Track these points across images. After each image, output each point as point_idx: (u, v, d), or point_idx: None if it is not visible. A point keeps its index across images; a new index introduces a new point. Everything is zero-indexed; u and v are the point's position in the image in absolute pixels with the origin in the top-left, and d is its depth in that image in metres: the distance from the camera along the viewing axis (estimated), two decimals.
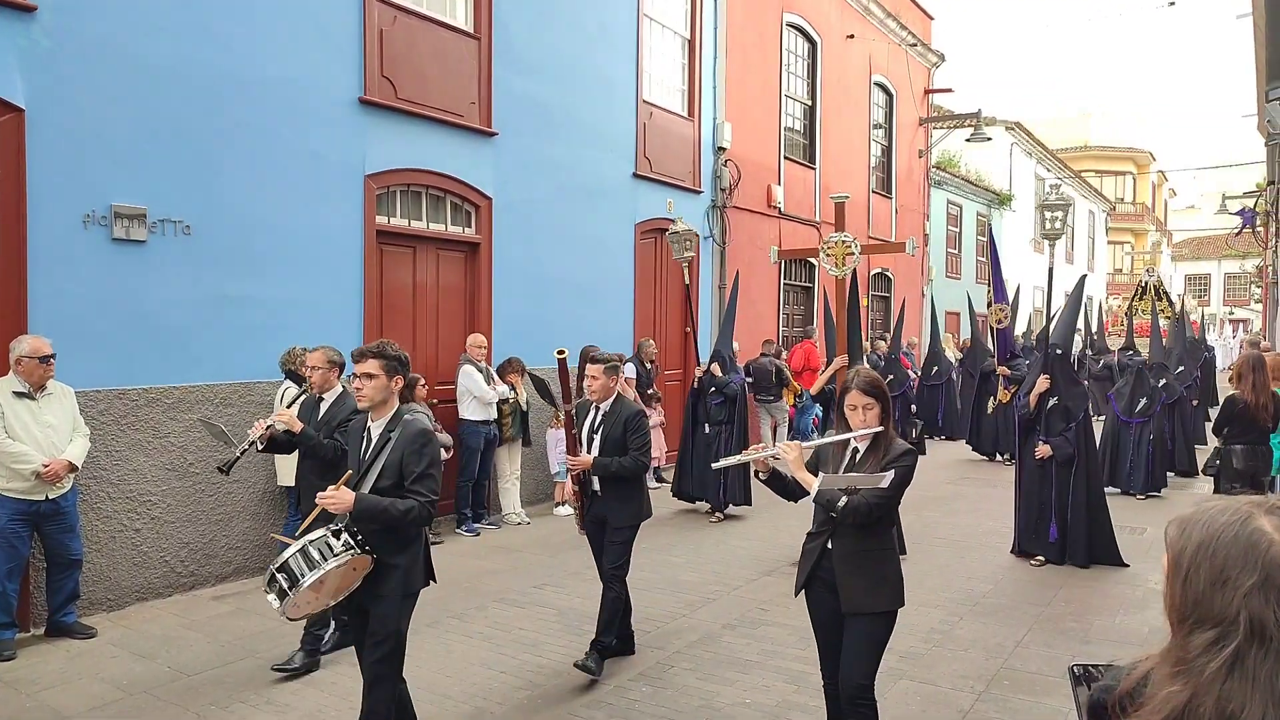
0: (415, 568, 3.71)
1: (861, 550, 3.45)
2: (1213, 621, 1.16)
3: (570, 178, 9.70)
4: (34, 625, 5.53)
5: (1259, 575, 1.14)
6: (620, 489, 4.97)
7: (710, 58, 12.14)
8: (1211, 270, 47.89)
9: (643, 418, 5.06)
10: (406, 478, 3.59)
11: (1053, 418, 7.24)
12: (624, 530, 4.97)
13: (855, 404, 3.46)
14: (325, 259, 7.23)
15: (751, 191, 12.95)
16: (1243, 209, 20.17)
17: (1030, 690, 4.75)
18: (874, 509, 3.35)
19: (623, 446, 4.96)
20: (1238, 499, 1.24)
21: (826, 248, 7.61)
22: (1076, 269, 32.20)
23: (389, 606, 3.62)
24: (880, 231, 17.30)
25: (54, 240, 5.58)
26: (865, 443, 3.48)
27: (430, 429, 3.76)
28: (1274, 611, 1.12)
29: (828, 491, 3.38)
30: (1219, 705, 1.11)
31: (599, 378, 5.03)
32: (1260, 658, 1.12)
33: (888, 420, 3.46)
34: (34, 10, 5.44)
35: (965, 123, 19.07)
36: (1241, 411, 6.82)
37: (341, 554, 3.47)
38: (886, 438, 3.45)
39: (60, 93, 5.59)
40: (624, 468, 4.89)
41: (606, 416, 5.06)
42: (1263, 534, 1.16)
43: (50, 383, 5.32)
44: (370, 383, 3.68)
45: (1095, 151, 37.94)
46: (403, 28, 7.81)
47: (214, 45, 6.39)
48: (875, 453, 3.45)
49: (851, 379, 3.50)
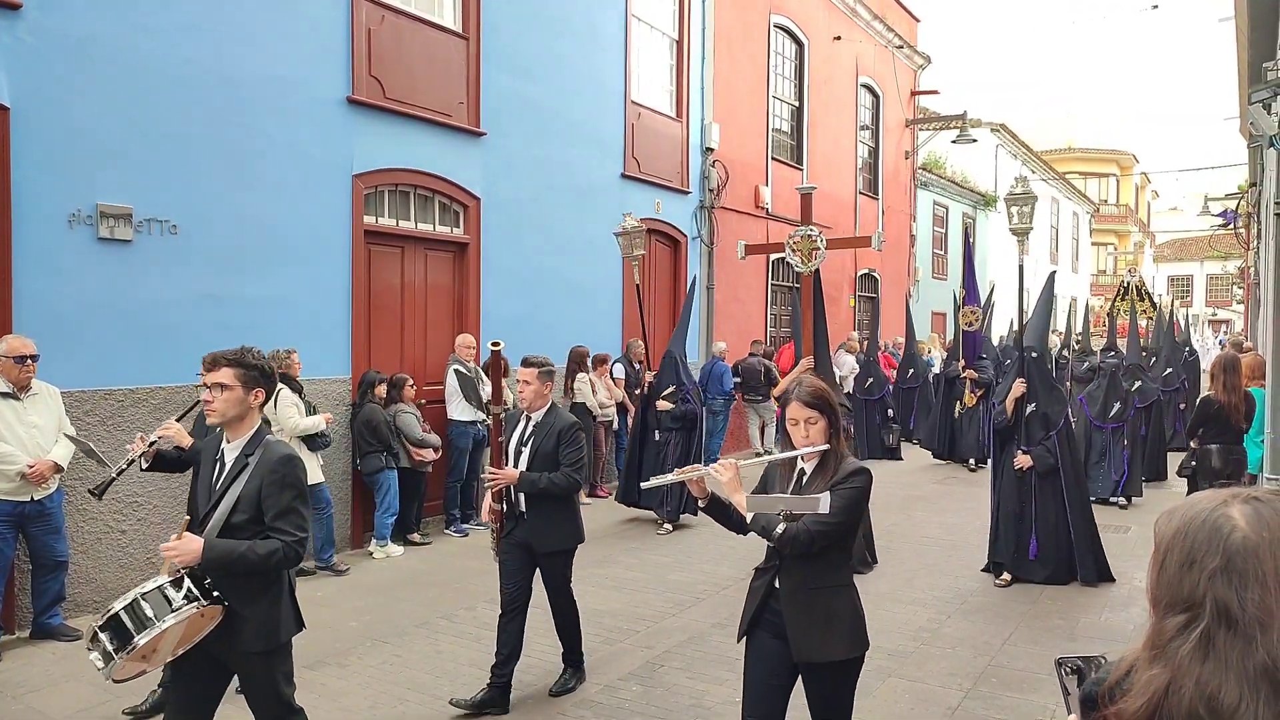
0: (278, 616, 3.10)
1: (811, 588, 2.98)
2: (1183, 605, 1.20)
3: (559, 178, 9.70)
4: (19, 628, 5.49)
5: (1221, 559, 1.18)
6: (549, 510, 4.48)
7: (698, 59, 12.16)
8: (1194, 271, 48.31)
9: (579, 430, 4.57)
10: (266, 513, 3.01)
11: (1031, 426, 6.75)
12: (556, 558, 4.57)
13: (796, 418, 3.02)
14: (313, 259, 7.20)
15: (739, 192, 12.98)
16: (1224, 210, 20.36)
17: (1018, 687, 4.79)
18: (816, 538, 2.89)
19: (554, 461, 4.45)
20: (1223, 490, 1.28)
21: (792, 243, 7.27)
22: (1061, 270, 32.43)
23: (258, 670, 3.08)
24: (867, 232, 17.34)
25: (39, 240, 5.54)
26: (813, 461, 3.05)
27: (295, 454, 3.18)
28: (1237, 594, 1.16)
29: (763, 517, 2.96)
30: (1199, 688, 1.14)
31: (532, 383, 4.49)
32: (1229, 640, 1.15)
33: (836, 435, 3.03)
34: (19, 8, 5.40)
35: (951, 124, 19.18)
36: (1216, 413, 6.90)
37: (182, 608, 2.88)
38: (836, 455, 3.02)
39: (45, 91, 5.55)
40: (554, 485, 4.39)
41: (539, 427, 4.52)
42: (1228, 519, 1.20)
43: (35, 383, 5.28)
44: (223, 395, 3.09)
45: (1079, 153, 38.23)
46: (391, 27, 7.79)
47: (201, 44, 6.36)
48: (824, 472, 3.01)
49: (792, 389, 3.06)
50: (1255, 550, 1.17)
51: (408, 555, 7.47)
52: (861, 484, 2.99)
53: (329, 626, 5.68)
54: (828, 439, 3.01)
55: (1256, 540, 1.18)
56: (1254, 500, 1.22)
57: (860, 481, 2.99)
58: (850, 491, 2.94)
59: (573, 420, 4.60)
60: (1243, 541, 1.18)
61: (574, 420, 4.61)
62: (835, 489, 2.91)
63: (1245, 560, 1.17)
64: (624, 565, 7.17)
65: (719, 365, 11.66)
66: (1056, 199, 31.70)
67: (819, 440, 3.00)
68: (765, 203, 13.61)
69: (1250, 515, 1.20)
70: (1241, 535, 1.19)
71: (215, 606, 2.97)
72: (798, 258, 7.25)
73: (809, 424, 3.00)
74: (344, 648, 5.32)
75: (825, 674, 2.99)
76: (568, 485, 4.45)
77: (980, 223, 24.03)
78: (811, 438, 3.00)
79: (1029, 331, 7.19)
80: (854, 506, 2.95)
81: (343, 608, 6.09)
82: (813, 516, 2.85)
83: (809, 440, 3.00)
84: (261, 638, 3.05)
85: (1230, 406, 6.85)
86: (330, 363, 7.40)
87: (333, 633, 5.57)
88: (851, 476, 2.98)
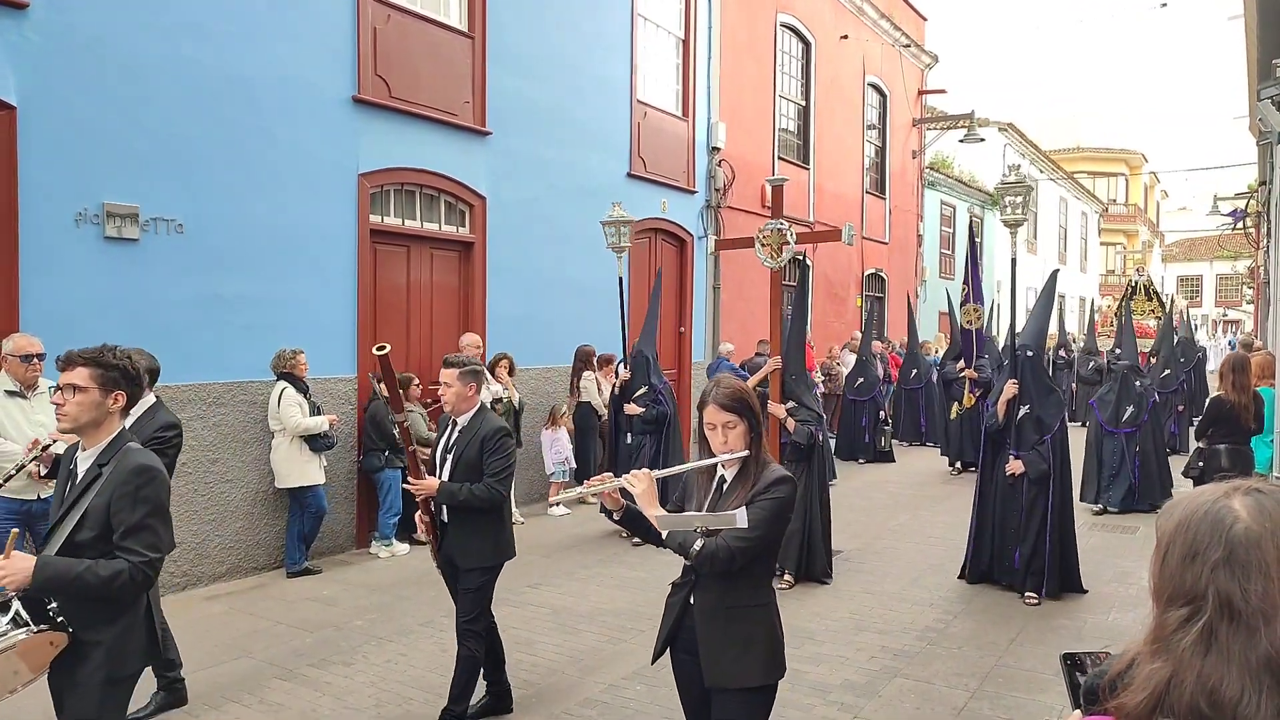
0: (127, 644, 2.74)
1: (728, 608, 2.74)
2: (1185, 598, 1.19)
3: (564, 177, 9.70)
4: None
5: (1223, 550, 1.17)
6: (470, 523, 4.14)
7: (705, 58, 12.14)
8: (1204, 271, 48.12)
9: (505, 437, 4.23)
10: (115, 530, 2.65)
11: (1024, 429, 6.37)
12: (475, 574, 4.18)
13: (713, 422, 2.78)
14: (319, 258, 7.21)
15: (745, 192, 12.96)
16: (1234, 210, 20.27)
17: (1025, 687, 4.76)
18: (736, 555, 2.65)
19: (478, 470, 4.13)
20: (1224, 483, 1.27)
21: (761, 237, 6.93)
22: (1070, 270, 32.32)
23: (86, 699, 2.68)
24: (874, 232, 17.33)
25: (46, 239, 5.56)
26: (734, 469, 2.81)
27: (155, 465, 2.80)
28: (1239, 586, 1.14)
29: (678, 534, 2.71)
30: (1200, 681, 1.13)
31: (453, 384, 4.18)
32: (1232, 632, 1.14)
33: (758, 441, 2.80)
34: (26, 7, 5.42)
35: (958, 124, 19.12)
36: (1227, 413, 6.86)
37: (9, 634, 2.56)
38: (757, 463, 2.78)
39: (52, 90, 5.57)
40: (474, 497, 4.05)
41: (463, 433, 4.23)
42: (1230, 510, 1.20)
43: (43, 381, 5.29)
44: (75, 397, 2.73)
45: (1088, 153, 38.08)
46: (397, 26, 7.80)
47: (207, 43, 6.37)
48: (744, 481, 2.77)
49: (709, 391, 2.82)
50: (1258, 541, 1.16)
51: (412, 554, 7.47)
52: (784, 494, 2.72)
53: (334, 626, 5.68)
54: (748, 444, 2.77)
55: (1259, 531, 1.17)
56: (1255, 492, 1.21)
57: (782, 491, 2.72)
58: (771, 503, 2.70)
59: (499, 426, 4.25)
60: (1245, 532, 1.17)
61: (501, 426, 4.26)
62: (755, 500, 2.69)
63: (1248, 551, 1.16)
64: (628, 564, 7.16)
65: (725, 365, 11.63)
66: (1065, 198, 31.60)
67: (738, 446, 2.76)
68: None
69: (1252, 506, 1.19)
70: (1244, 526, 1.17)
71: (56, 633, 2.64)
72: (766, 253, 6.91)
73: (727, 428, 2.76)
74: (349, 646, 5.32)
75: (737, 700, 2.75)
76: (489, 498, 4.07)
77: (988, 222, 23.96)
78: (730, 443, 2.77)
79: (1026, 330, 6.89)
80: (776, 518, 2.71)
81: (347, 607, 6.10)
82: (732, 532, 2.61)
83: (728, 446, 2.77)
84: (103, 666, 2.69)
85: (1240, 406, 6.81)
86: (336, 362, 7.41)
87: (337, 632, 5.57)
88: (773, 486, 2.72)
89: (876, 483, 10.98)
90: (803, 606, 6.11)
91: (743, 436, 2.77)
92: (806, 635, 5.54)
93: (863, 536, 8.20)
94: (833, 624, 5.77)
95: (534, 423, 9.18)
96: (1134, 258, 35.97)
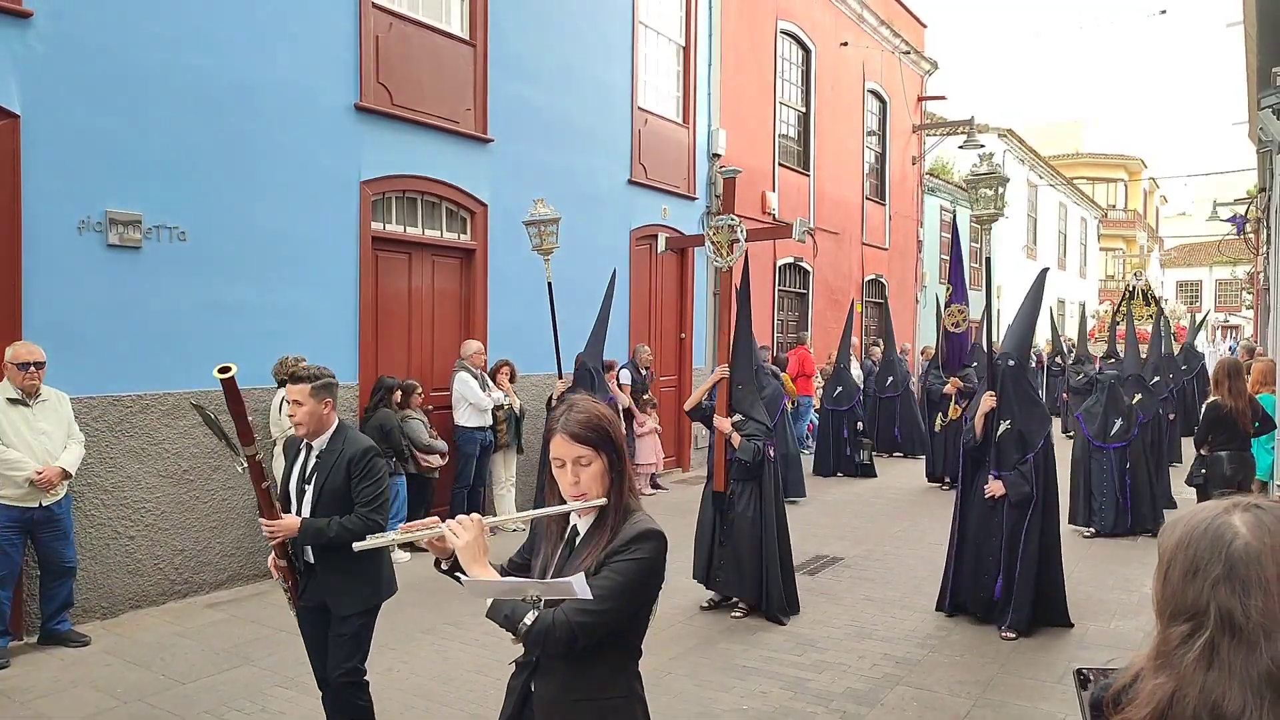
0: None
1: (574, 700, 2.16)
2: (1187, 614, 1.20)
3: (565, 184, 9.71)
4: (27, 634, 5.50)
5: (1223, 567, 1.18)
6: (344, 562, 3.46)
7: (705, 65, 12.17)
8: (1203, 276, 48.12)
9: (375, 458, 3.64)
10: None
11: (1005, 446, 5.74)
12: (353, 620, 3.61)
13: (560, 457, 2.17)
14: (320, 265, 7.22)
15: (746, 198, 12.96)
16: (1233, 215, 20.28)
17: (1027, 695, 4.76)
18: (578, 634, 2.04)
19: (345, 500, 3.56)
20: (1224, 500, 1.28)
21: (711, 234, 6.43)
22: (1069, 275, 32.35)
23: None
24: (874, 238, 17.36)
25: (49, 246, 5.57)
26: (590, 517, 2.22)
27: None
28: (1240, 602, 1.15)
29: (504, 603, 2.10)
30: (1203, 697, 1.14)
31: (304, 402, 3.56)
32: (1233, 647, 1.15)
33: (620, 482, 2.19)
34: (29, 16, 5.43)
35: (958, 130, 19.15)
36: (1224, 417, 6.86)
37: None
38: (617, 512, 2.18)
39: (55, 99, 5.58)
40: (346, 532, 3.44)
41: (323, 458, 3.62)
42: (1230, 527, 1.20)
43: (46, 389, 5.30)
44: None
45: (1087, 159, 38.14)
46: (398, 34, 7.82)
47: (210, 52, 6.39)
48: (599, 535, 2.17)
49: (557, 416, 2.22)
50: (1258, 557, 1.17)
51: (414, 561, 7.46)
52: (647, 554, 2.11)
53: None
54: (607, 487, 2.17)
55: (1259, 547, 1.18)
56: (1255, 508, 1.22)
57: (646, 550, 2.11)
58: (629, 566, 2.08)
59: (366, 445, 3.63)
60: (1245, 548, 1.18)
61: (368, 445, 3.65)
62: (609, 560, 2.09)
63: (1248, 567, 1.17)
64: None
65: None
66: (1064, 204, 31.64)
67: (594, 489, 2.16)
68: (772, 209, 13.60)
69: (1252, 523, 1.20)
70: (1244, 542, 1.18)
71: None
72: (716, 251, 6.38)
73: (579, 465, 2.16)
74: None
75: None
76: (363, 532, 3.26)
77: None
78: (583, 485, 2.16)
79: (1008, 337, 6.31)
80: (635, 586, 2.09)
81: None
82: (574, 603, 2.02)
83: (579, 489, 2.16)
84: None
85: (1237, 411, 6.82)
86: (338, 369, 7.28)
87: None
88: (634, 543, 2.11)
89: (880, 490, 10.98)
90: (804, 614, 6.11)
91: (599, 477, 2.16)
92: (808, 643, 5.54)
93: (865, 543, 8.19)
94: (835, 631, 5.77)
95: (534, 430, 9.18)
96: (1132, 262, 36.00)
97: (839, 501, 10.18)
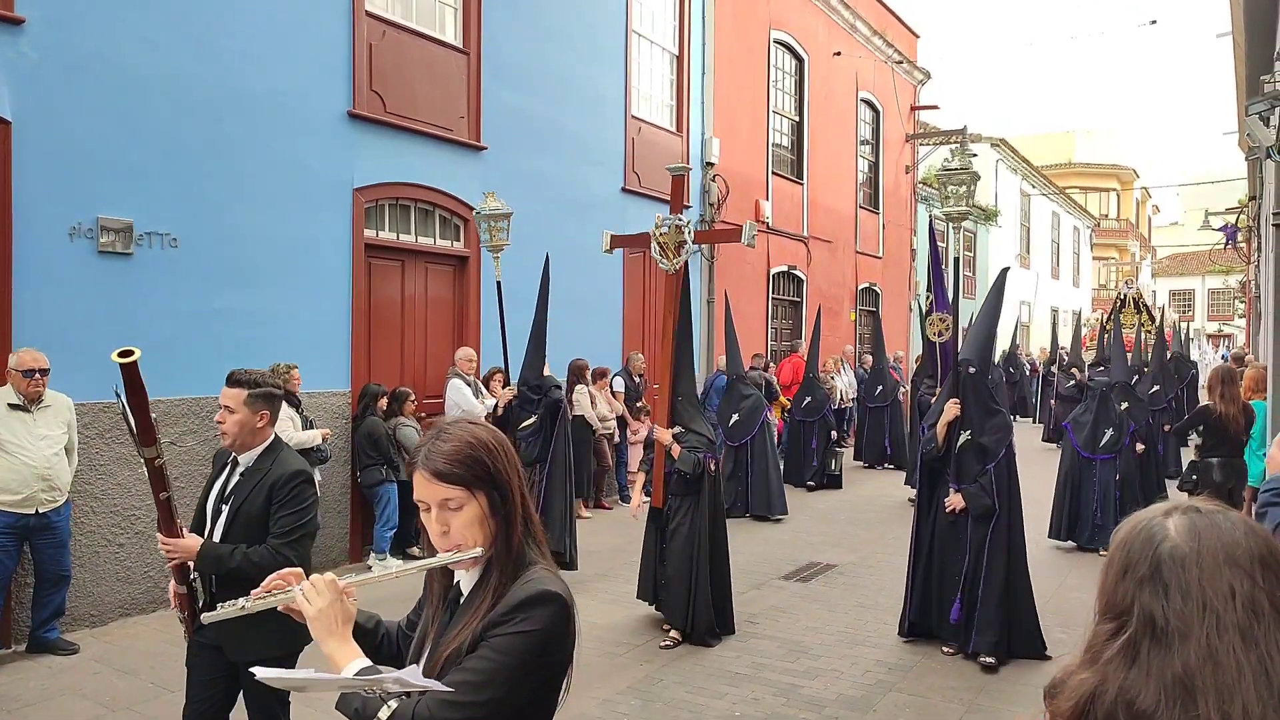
0: None
1: None
2: (1115, 612, 1.22)
3: (559, 192, 9.73)
4: (15, 641, 5.46)
5: (1149, 567, 1.19)
6: None
7: (698, 74, 12.22)
8: (1195, 286, 48.33)
9: (303, 484, 3.17)
10: None
11: (965, 458, 5.44)
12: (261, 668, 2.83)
13: (424, 500, 1.73)
14: (313, 272, 7.21)
15: (740, 206, 13.01)
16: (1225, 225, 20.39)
17: (1021, 701, 4.76)
18: None
19: (262, 528, 3.10)
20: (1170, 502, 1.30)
21: (658, 234, 5.99)
22: (1062, 284, 32.48)
23: None
24: (868, 246, 17.41)
25: (40, 252, 5.55)
26: (475, 573, 1.75)
27: None
28: (1161, 605, 1.17)
29: (353, 697, 1.65)
30: (1121, 694, 1.16)
31: (236, 410, 3.14)
32: (1152, 648, 1.16)
33: (508, 529, 1.72)
34: (22, 23, 5.43)
35: (951, 139, 19.21)
36: (1215, 422, 6.88)
37: None
38: (502, 568, 1.71)
39: (47, 105, 5.58)
40: (250, 566, 2.96)
41: (245, 478, 3.18)
42: (1162, 529, 1.22)
43: (49, 394, 5.32)
44: None
45: (1079, 168, 38.32)
46: (392, 42, 7.84)
47: (203, 58, 6.39)
48: (482, 594, 1.70)
49: (419, 448, 1.75)
50: (1183, 560, 1.18)
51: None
52: (537, 624, 1.63)
53: None
54: (491, 535, 1.70)
55: (1185, 550, 1.18)
56: (1193, 511, 1.23)
57: (535, 620, 1.63)
58: (512, 641, 1.61)
59: (295, 469, 3.18)
60: (1171, 551, 1.19)
61: (298, 469, 3.18)
62: (490, 634, 1.63)
63: (1171, 570, 1.18)
64: (623, 579, 7.13)
65: (720, 380, 11.64)
66: (1057, 213, 31.78)
67: (469, 538, 1.70)
68: (766, 217, 13.64)
69: (1185, 526, 1.21)
70: (1171, 545, 1.20)
71: None
72: (662, 253, 5.93)
73: (447, 510, 1.70)
74: None
75: None
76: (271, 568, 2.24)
77: (981, 237, 24.07)
78: (455, 536, 1.70)
79: (968, 342, 5.96)
80: (520, 668, 1.61)
81: None
82: (436, 696, 1.57)
83: (449, 538, 1.71)
84: None
85: (1229, 417, 6.84)
86: (330, 377, 7.40)
87: None
88: (520, 611, 1.63)
89: (872, 496, 10.97)
90: (796, 621, 6.10)
91: (475, 524, 1.69)
92: (801, 649, 5.53)
93: (858, 551, 8.19)
94: (827, 638, 5.76)
95: None
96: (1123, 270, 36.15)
97: (832, 509, 10.19)
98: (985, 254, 23.90)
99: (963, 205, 5.47)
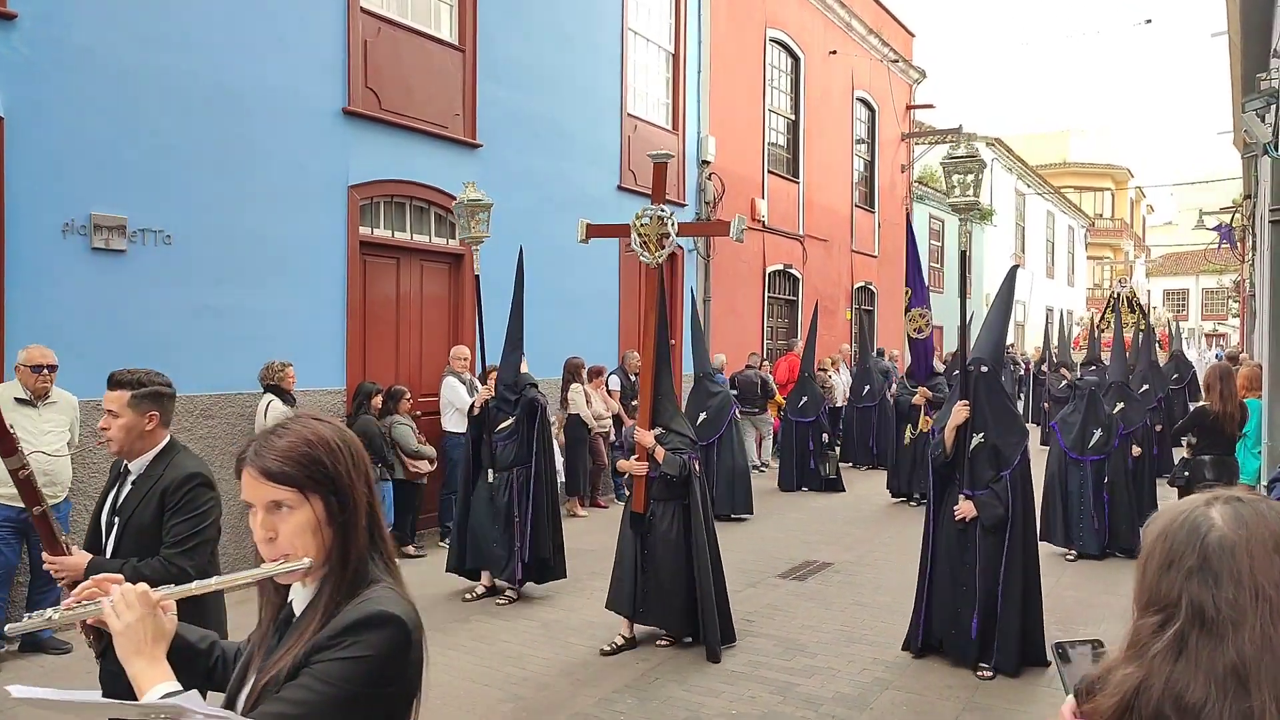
0: None
1: None
2: (1160, 605, 1.21)
3: (555, 190, 9.71)
4: (6, 640, 5.42)
5: (1196, 558, 1.18)
6: None
7: (694, 72, 12.21)
8: (1189, 285, 48.45)
9: (197, 488, 2.91)
10: None
11: (978, 463, 5.11)
12: None
13: (252, 500, 1.53)
14: (308, 270, 7.19)
15: (735, 205, 12.99)
16: (1219, 224, 20.43)
17: (1017, 699, 4.75)
18: None
19: (155, 538, 2.88)
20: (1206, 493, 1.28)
21: (640, 225, 5.66)
22: (1057, 284, 32.53)
23: None
24: (863, 245, 17.41)
25: (33, 249, 5.52)
26: (311, 587, 1.55)
27: None
28: (1211, 595, 1.16)
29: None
30: (1168, 686, 1.15)
31: (119, 413, 2.88)
32: (1202, 639, 1.15)
33: (348, 538, 1.54)
34: (14, 18, 5.40)
35: (947, 138, 19.24)
36: (1212, 423, 6.89)
37: None
38: (336, 584, 1.52)
39: (40, 101, 5.55)
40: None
41: (137, 486, 2.93)
42: (1207, 519, 1.21)
43: (56, 391, 5.32)
44: None
45: (1074, 168, 38.39)
46: (387, 39, 7.81)
47: (196, 55, 6.36)
48: (313, 613, 1.51)
49: (247, 446, 1.56)
50: (1232, 549, 1.17)
51: (402, 567, 7.40)
52: (368, 650, 1.43)
53: None
54: (326, 546, 1.52)
55: (1234, 539, 1.18)
56: (1235, 500, 1.23)
57: (365, 646, 1.44)
58: (336, 668, 1.42)
59: (190, 472, 2.93)
60: (1219, 540, 1.19)
61: (193, 472, 2.94)
62: (314, 659, 1.43)
63: (1221, 559, 1.17)
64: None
65: (719, 379, 11.61)
66: (1052, 212, 31.83)
67: (299, 547, 1.51)
68: (761, 215, 13.63)
69: (1229, 515, 1.21)
70: (1219, 534, 1.19)
71: None
72: (643, 246, 5.64)
73: (273, 513, 1.52)
74: None
75: None
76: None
77: (976, 235, 24.09)
78: (282, 544, 1.52)
79: (979, 341, 5.71)
80: (345, 700, 1.41)
81: None
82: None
83: (276, 546, 1.52)
84: None
85: (1225, 415, 6.85)
86: (325, 374, 7.38)
87: None
88: (349, 635, 1.44)
89: (859, 500, 10.98)
90: (792, 619, 6.09)
91: (307, 532, 1.51)
92: (798, 647, 5.52)
93: (855, 549, 8.18)
94: (824, 636, 5.75)
95: None
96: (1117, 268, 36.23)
97: (827, 508, 10.18)
98: (980, 253, 23.92)
99: (970, 194, 5.21)
